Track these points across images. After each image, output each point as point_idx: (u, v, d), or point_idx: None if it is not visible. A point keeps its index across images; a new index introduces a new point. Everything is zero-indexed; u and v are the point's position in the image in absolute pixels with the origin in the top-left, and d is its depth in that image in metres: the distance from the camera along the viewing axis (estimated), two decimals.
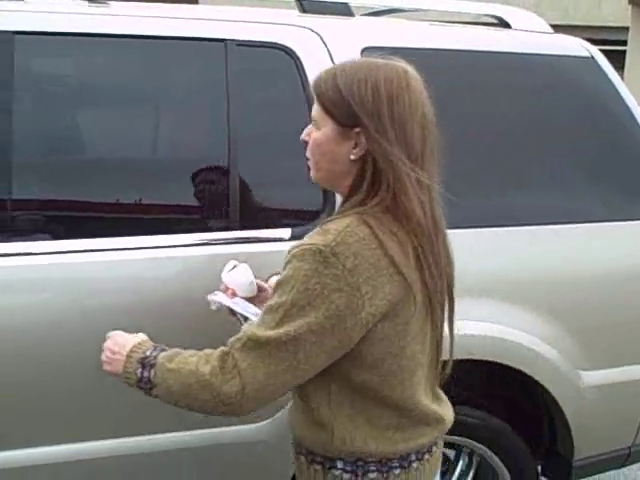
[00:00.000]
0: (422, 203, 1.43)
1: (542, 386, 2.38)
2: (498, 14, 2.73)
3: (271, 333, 1.35)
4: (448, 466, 2.48)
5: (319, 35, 2.28)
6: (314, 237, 1.40)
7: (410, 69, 1.50)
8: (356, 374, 1.43)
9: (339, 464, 1.48)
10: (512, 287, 2.30)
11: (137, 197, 2.06)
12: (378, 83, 1.43)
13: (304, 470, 1.54)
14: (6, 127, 1.94)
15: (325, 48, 2.26)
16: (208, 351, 1.44)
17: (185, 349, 1.51)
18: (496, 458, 2.43)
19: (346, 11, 2.45)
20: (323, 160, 1.50)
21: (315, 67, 2.20)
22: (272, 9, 2.53)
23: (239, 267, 1.84)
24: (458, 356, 2.21)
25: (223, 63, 2.12)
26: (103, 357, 1.55)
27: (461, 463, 2.46)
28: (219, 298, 1.81)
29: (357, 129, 1.43)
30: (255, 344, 1.36)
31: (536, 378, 2.35)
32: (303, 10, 2.40)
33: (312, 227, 2.08)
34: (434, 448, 1.58)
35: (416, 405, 1.50)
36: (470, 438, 2.37)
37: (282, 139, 2.17)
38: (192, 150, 2.18)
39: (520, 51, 2.49)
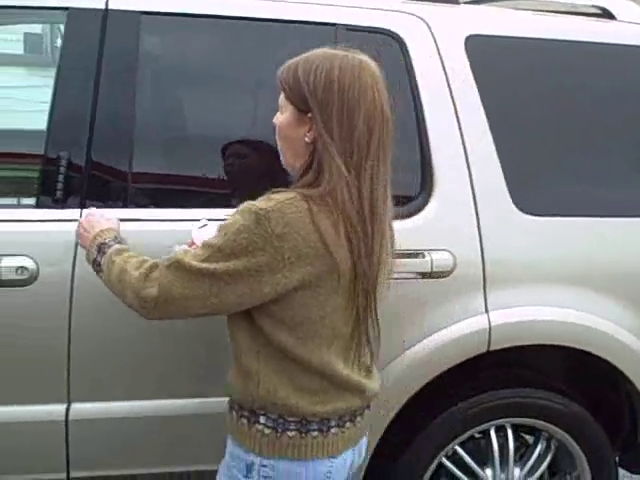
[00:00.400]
0: (355, 194, 1.53)
1: (626, 377, 2.40)
2: (602, 4, 2.72)
3: (195, 263, 1.53)
4: (525, 450, 2.53)
5: (425, 22, 2.33)
6: (260, 201, 1.55)
7: (366, 60, 1.60)
8: (277, 334, 1.57)
9: (262, 419, 1.62)
10: (604, 277, 2.32)
11: (244, 173, 2.19)
12: (332, 72, 1.55)
13: (233, 425, 1.68)
14: (130, 104, 2.08)
15: (431, 35, 2.31)
16: (146, 258, 1.66)
17: None
18: (575, 445, 2.47)
19: None
20: (284, 143, 1.65)
21: (420, 54, 2.28)
22: None
23: (209, 225, 1.89)
24: (547, 341, 2.29)
25: (332, 47, 2.20)
26: (77, 229, 1.89)
27: (539, 448, 2.50)
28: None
29: (310, 114, 1.56)
30: (179, 267, 1.55)
31: (621, 368, 2.38)
32: None
33: (407, 209, 2.21)
34: (358, 419, 1.69)
35: (335, 372, 1.61)
36: (551, 423, 2.42)
37: None
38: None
39: (629, 43, 2.48)
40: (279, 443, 1.61)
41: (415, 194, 2.25)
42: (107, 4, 2.10)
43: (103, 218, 1.89)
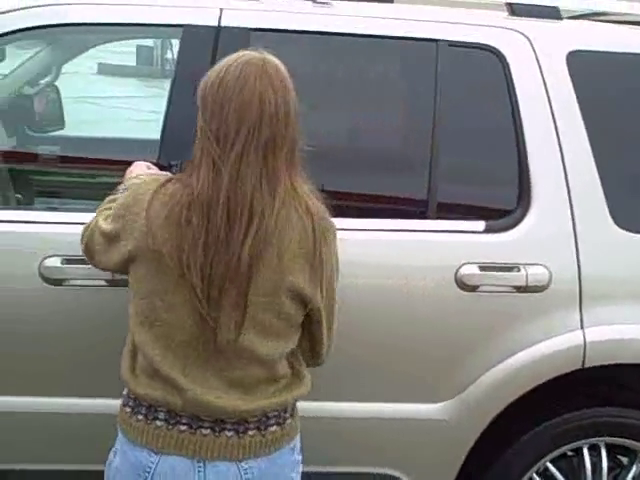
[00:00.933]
0: (212, 183, 1.54)
1: None
2: None
3: (99, 222, 1.73)
4: (620, 471, 2.48)
5: (527, 38, 2.35)
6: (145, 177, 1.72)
7: (261, 59, 1.60)
8: (130, 306, 1.67)
9: (124, 399, 1.71)
10: None
11: (347, 183, 2.26)
12: (220, 69, 1.60)
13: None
14: None
15: (532, 51, 2.32)
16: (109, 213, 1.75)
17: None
18: None
19: (555, 14, 2.49)
20: None
21: (521, 69, 2.30)
22: (480, 10, 2.62)
23: None
24: (627, 360, 2.25)
25: (434, 62, 2.26)
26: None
27: (634, 470, 2.45)
28: None
29: None
30: (94, 225, 1.75)
31: None
32: (512, 12, 2.48)
33: (504, 222, 2.23)
34: (204, 428, 1.61)
35: (152, 359, 1.60)
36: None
37: (484, 138, 2.29)
38: (398, 142, 2.35)
39: None
40: (120, 416, 1.70)
41: (512, 207, 2.26)
42: (219, 21, 2.22)
43: (144, 167, 2.02)
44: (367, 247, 2.19)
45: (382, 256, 2.20)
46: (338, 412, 2.22)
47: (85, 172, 3.17)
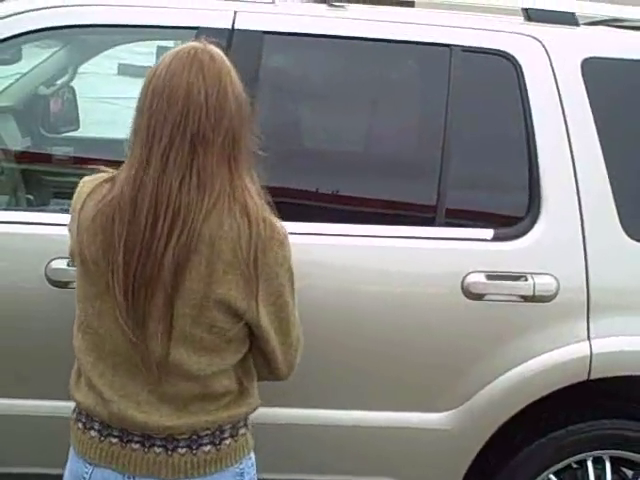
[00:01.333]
0: (132, 181, 1.44)
1: None
2: None
3: None
4: None
5: (542, 44, 2.33)
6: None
7: (195, 50, 1.47)
8: None
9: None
10: None
11: (355, 188, 2.25)
12: (159, 61, 1.50)
13: None
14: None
15: (547, 57, 2.30)
16: None
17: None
18: None
19: (572, 20, 2.47)
20: None
21: (535, 76, 2.28)
22: (495, 15, 2.61)
23: None
24: (634, 372, 2.22)
25: (447, 67, 2.24)
26: None
27: None
28: None
29: None
30: None
31: None
32: (528, 18, 2.46)
33: (514, 230, 2.21)
34: (133, 444, 1.52)
35: (82, 362, 1.55)
36: None
37: (495, 144, 2.28)
38: (408, 148, 2.34)
39: None
40: (70, 423, 1.62)
41: (522, 215, 2.24)
42: (233, 24, 2.22)
43: None
44: (374, 253, 2.18)
45: (388, 263, 2.19)
46: (339, 421, 2.21)
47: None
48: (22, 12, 2.28)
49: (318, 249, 2.15)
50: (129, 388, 1.51)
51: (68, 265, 2.08)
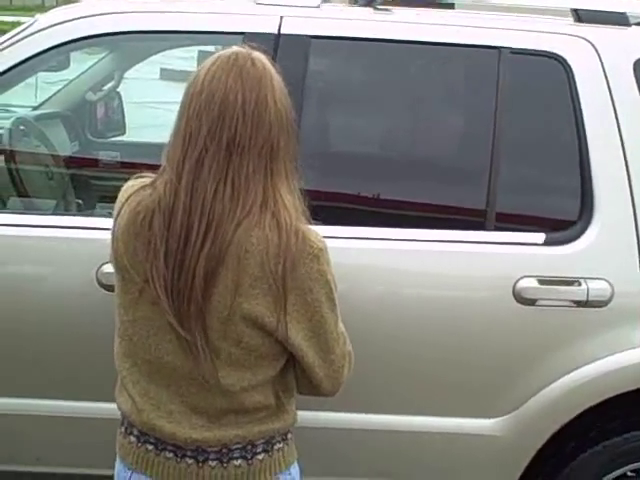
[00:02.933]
0: (170, 187, 1.41)
1: None
2: None
3: None
4: None
5: (593, 45, 2.28)
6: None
7: (237, 55, 1.43)
8: None
9: None
10: None
11: (404, 192, 2.24)
12: (201, 66, 1.46)
13: None
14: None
15: (598, 59, 2.26)
16: None
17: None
18: None
19: (623, 21, 2.42)
20: None
21: (586, 78, 2.24)
22: (544, 16, 2.57)
23: None
24: None
25: (496, 70, 2.22)
26: None
27: None
28: None
29: None
30: None
31: None
32: (578, 19, 2.41)
33: (566, 235, 2.17)
34: (165, 452, 1.50)
35: (120, 369, 1.53)
36: None
37: (546, 147, 2.24)
38: (457, 151, 2.32)
39: None
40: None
41: (574, 219, 2.20)
42: (279, 29, 2.22)
43: None
44: (424, 258, 2.17)
45: (439, 267, 2.17)
46: (387, 425, 2.19)
47: None
48: (69, 20, 2.32)
49: (368, 253, 2.14)
50: (162, 397, 1.49)
51: None
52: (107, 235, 2.10)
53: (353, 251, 2.10)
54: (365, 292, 2.13)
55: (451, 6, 2.57)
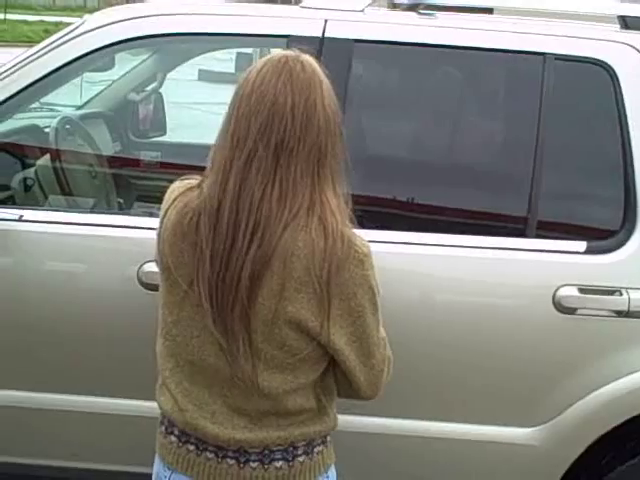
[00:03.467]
0: (216, 188, 1.40)
1: None
2: None
3: None
4: None
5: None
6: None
7: (288, 59, 1.43)
8: None
9: None
10: None
11: (445, 198, 2.23)
12: (251, 68, 1.46)
13: None
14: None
15: None
16: None
17: None
18: None
19: None
20: None
21: (632, 85, 2.21)
22: (590, 23, 2.55)
23: None
24: None
25: (540, 76, 2.20)
26: None
27: None
28: None
29: None
30: None
31: None
32: (625, 26, 2.39)
33: (608, 243, 2.15)
34: (204, 452, 1.50)
35: (164, 378, 1.53)
36: None
37: (589, 155, 2.23)
38: (499, 158, 2.31)
39: None
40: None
41: (616, 228, 2.18)
42: (324, 32, 2.23)
43: None
44: (464, 264, 2.16)
45: (478, 273, 2.16)
46: (423, 432, 2.19)
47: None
48: (117, 22, 2.35)
49: (407, 257, 2.14)
50: (204, 398, 1.50)
51: None
52: (148, 234, 2.16)
53: (392, 255, 2.10)
54: (404, 297, 2.13)
55: (490, 11, 2.56)
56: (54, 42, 2.32)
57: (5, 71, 2.31)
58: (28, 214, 2.27)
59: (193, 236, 1.43)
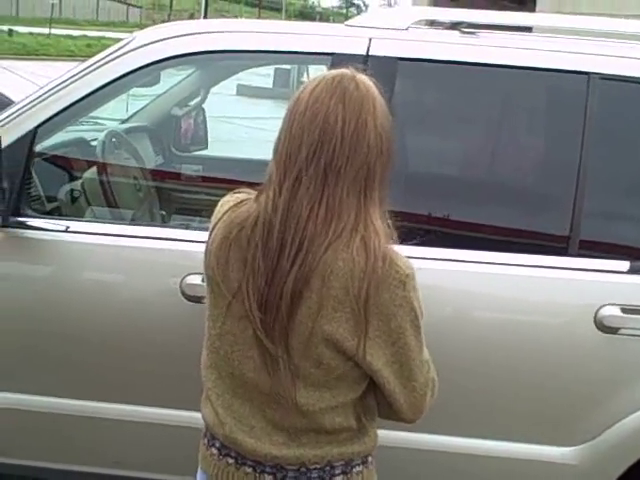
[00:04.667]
0: (270, 204, 1.40)
1: None
2: None
3: None
4: None
5: None
6: None
7: (342, 78, 1.42)
8: None
9: None
10: None
11: (487, 216, 2.24)
12: (304, 86, 1.45)
13: None
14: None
15: None
16: None
17: None
18: None
19: None
20: None
21: None
22: (631, 42, 2.53)
23: None
24: None
25: (584, 96, 2.20)
26: None
27: None
28: None
29: None
30: None
31: None
32: None
33: None
34: (243, 465, 1.50)
35: (204, 378, 1.54)
36: None
37: (633, 175, 2.22)
38: (542, 177, 2.31)
39: None
40: None
41: None
42: (368, 50, 2.26)
43: None
44: (505, 282, 2.16)
45: (520, 291, 2.17)
46: (461, 447, 2.19)
47: (223, 192, 3.27)
48: (164, 39, 2.40)
49: (450, 275, 2.16)
50: (244, 411, 1.50)
51: (202, 281, 2.16)
52: (192, 247, 2.20)
53: (434, 272, 2.11)
54: (444, 314, 2.13)
55: (529, 30, 2.56)
56: (105, 57, 2.38)
57: (55, 86, 2.37)
58: (75, 225, 2.33)
59: (241, 250, 1.44)
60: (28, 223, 2.29)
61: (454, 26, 2.44)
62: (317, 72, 2.13)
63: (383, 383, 1.46)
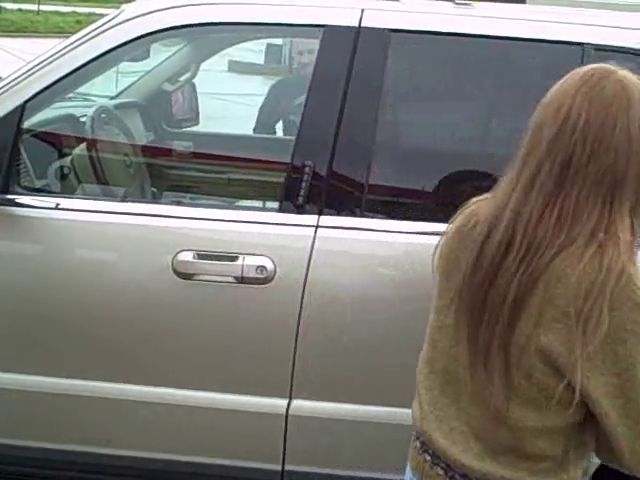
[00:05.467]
0: (502, 200, 1.33)
1: None
2: None
3: None
4: None
5: None
6: None
7: (603, 73, 1.32)
8: None
9: None
10: None
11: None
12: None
13: None
14: (373, 119, 2.17)
15: None
16: None
17: None
18: None
19: None
20: None
21: None
22: (626, 13, 2.51)
23: None
24: None
25: (578, 66, 2.16)
26: None
27: None
28: None
29: None
30: None
31: None
32: None
33: None
34: (438, 465, 1.43)
35: (417, 382, 1.49)
36: None
37: None
38: None
39: None
40: None
41: None
42: (360, 22, 2.22)
43: None
44: None
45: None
46: None
47: (215, 169, 3.25)
48: (153, 11, 2.35)
49: None
50: (449, 412, 1.42)
51: (193, 257, 2.15)
52: (184, 223, 2.17)
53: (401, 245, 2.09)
54: None
55: (522, 1, 2.53)
56: (92, 32, 2.33)
57: (43, 61, 2.32)
58: (65, 202, 2.30)
59: (470, 244, 1.36)
60: (17, 200, 2.25)
61: None
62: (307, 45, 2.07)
63: (602, 416, 1.30)
